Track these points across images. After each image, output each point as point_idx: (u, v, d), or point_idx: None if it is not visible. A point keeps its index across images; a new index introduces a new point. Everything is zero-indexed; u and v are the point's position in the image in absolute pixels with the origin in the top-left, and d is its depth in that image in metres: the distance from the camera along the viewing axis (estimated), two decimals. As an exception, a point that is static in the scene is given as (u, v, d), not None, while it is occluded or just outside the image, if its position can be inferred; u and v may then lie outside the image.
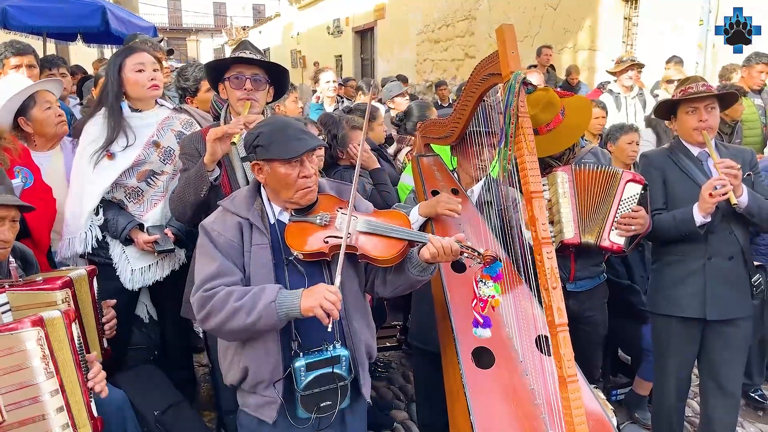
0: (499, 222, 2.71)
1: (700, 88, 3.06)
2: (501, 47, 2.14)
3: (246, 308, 2.05)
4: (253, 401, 2.26)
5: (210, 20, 46.87)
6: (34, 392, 1.92)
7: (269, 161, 2.19)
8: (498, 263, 2.19)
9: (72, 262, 3.17)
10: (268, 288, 2.09)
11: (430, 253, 2.17)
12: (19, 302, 2.23)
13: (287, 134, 2.18)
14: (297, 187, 2.20)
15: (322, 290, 2.02)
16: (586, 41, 11.38)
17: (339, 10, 21.47)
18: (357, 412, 2.39)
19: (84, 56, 9.67)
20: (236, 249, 2.20)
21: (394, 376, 4.72)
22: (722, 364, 3.19)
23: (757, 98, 6.19)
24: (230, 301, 2.06)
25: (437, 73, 15.80)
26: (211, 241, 2.21)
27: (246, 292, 2.09)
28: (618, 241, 2.97)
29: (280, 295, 2.06)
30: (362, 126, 3.79)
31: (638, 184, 3.01)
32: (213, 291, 2.11)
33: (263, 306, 2.04)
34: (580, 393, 1.97)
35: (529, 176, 2.05)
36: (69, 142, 3.49)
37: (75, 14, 6.78)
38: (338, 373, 2.18)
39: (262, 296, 2.06)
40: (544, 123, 2.88)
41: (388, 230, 2.21)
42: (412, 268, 2.24)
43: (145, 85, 3.13)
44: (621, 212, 2.97)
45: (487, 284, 2.18)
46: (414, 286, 2.34)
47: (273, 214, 2.29)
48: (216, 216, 2.28)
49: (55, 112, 3.32)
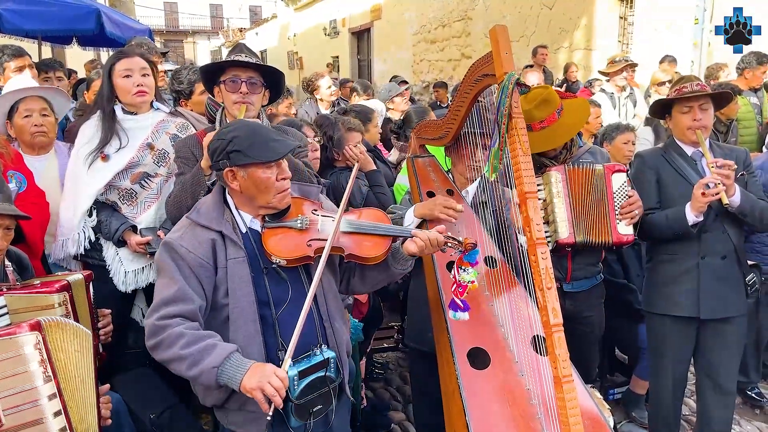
0: (494, 222, 2.71)
1: (694, 87, 3.07)
2: (495, 48, 2.13)
3: (189, 360, 1.95)
4: (239, 419, 2.18)
5: (207, 22, 46.84)
6: (32, 396, 1.93)
7: (245, 166, 2.11)
8: (476, 251, 2.25)
9: (66, 263, 3.17)
10: (218, 348, 1.97)
11: (417, 246, 2.22)
12: (17, 305, 2.23)
13: (263, 137, 2.14)
14: (276, 190, 2.16)
15: (269, 373, 1.90)
16: (582, 40, 11.40)
17: (335, 11, 21.47)
18: (340, 410, 2.37)
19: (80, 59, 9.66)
20: (206, 268, 2.11)
21: (391, 377, 4.73)
22: (717, 362, 3.20)
23: (752, 97, 6.19)
24: (177, 345, 1.96)
25: (434, 73, 15.81)
26: (173, 260, 2.08)
27: (197, 339, 1.97)
28: (628, 232, 2.98)
29: (227, 362, 1.94)
30: (358, 128, 3.80)
31: (621, 172, 3.03)
32: (166, 323, 2.00)
33: (206, 366, 1.93)
34: (575, 393, 1.97)
35: (523, 177, 2.05)
36: (64, 146, 3.49)
37: (69, 17, 6.76)
38: (330, 376, 2.17)
39: (209, 356, 1.94)
40: (538, 120, 2.88)
41: (372, 228, 2.21)
42: (395, 263, 2.27)
43: (131, 90, 3.13)
44: (618, 204, 2.98)
45: (467, 270, 2.25)
46: (394, 278, 2.38)
47: (244, 223, 2.21)
48: (183, 231, 2.16)
49: (33, 122, 3.29)
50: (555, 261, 3.10)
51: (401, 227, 2.28)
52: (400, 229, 2.28)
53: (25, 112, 3.29)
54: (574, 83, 9.21)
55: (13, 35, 6.66)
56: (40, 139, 3.33)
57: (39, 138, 3.32)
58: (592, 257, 3.27)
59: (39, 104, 3.33)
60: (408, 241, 2.25)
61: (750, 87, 6.19)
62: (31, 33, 6.81)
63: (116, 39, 7.13)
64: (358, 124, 3.83)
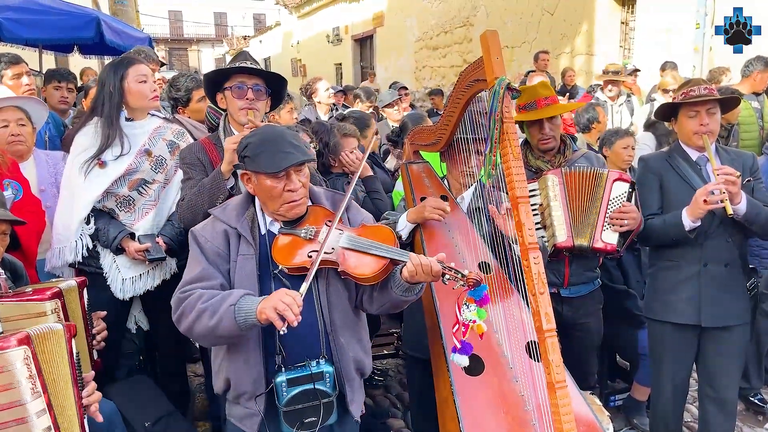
0: (489, 228, 2.70)
1: (702, 91, 2.99)
2: (485, 53, 2.13)
3: (210, 310, 2.03)
4: (237, 412, 2.25)
5: (211, 30, 47.03)
6: (21, 413, 1.88)
7: (256, 173, 2.17)
8: (483, 286, 2.05)
9: (61, 271, 3.16)
10: (235, 292, 2.07)
11: (408, 271, 2.08)
12: (8, 313, 2.21)
13: (274, 147, 2.15)
14: (282, 201, 2.17)
15: (280, 293, 1.97)
16: (583, 46, 11.40)
17: (338, 19, 21.54)
18: (347, 428, 2.35)
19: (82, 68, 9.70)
20: (222, 257, 2.21)
21: (391, 383, 4.70)
22: (718, 370, 3.16)
23: (754, 101, 6.15)
24: (199, 303, 2.06)
25: (436, 79, 15.83)
26: (198, 246, 2.22)
27: (216, 294, 2.08)
28: (611, 240, 2.93)
29: (242, 300, 2.03)
30: (354, 133, 3.79)
31: (625, 182, 2.99)
32: (187, 294, 2.11)
33: (224, 309, 2.01)
34: (569, 399, 1.96)
35: (515, 181, 2.04)
36: (43, 153, 3.50)
37: (69, 26, 6.77)
38: (321, 390, 2.14)
39: (227, 299, 2.03)
40: (543, 96, 3.07)
41: (369, 247, 2.14)
42: (395, 287, 2.16)
43: (149, 95, 3.18)
44: (611, 211, 2.94)
45: (470, 308, 2.07)
46: (399, 305, 2.26)
47: (264, 224, 2.27)
48: (206, 223, 2.30)
49: (9, 131, 3.29)
50: (552, 266, 3.09)
51: (401, 251, 2.15)
52: (399, 251, 2.15)
53: (2, 122, 3.29)
54: (572, 88, 9.20)
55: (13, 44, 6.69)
56: (17, 147, 3.33)
57: (16, 147, 3.32)
58: (590, 262, 3.25)
59: (15, 114, 3.33)
60: (405, 266, 2.11)
61: (753, 91, 6.16)
62: (31, 41, 6.82)
63: (116, 47, 7.14)
64: (354, 129, 3.83)
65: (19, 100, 3.50)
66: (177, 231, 3.21)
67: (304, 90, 6.62)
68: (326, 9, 22.40)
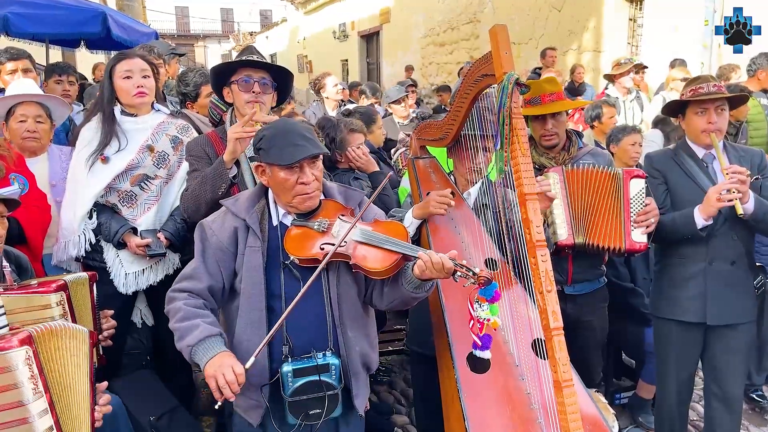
0: (496, 224, 2.68)
1: (711, 88, 2.96)
2: (494, 48, 2.11)
3: (178, 334, 2.12)
4: (243, 403, 2.25)
5: (217, 26, 47.05)
6: (23, 413, 1.86)
7: (270, 165, 2.20)
8: (494, 284, 2.07)
9: (67, 265, 3.17)
10: (200, 329, 2.09)
11: (419, 268, 2.08)
12: (14, 306, 2.20)
13: (287, 139, 2.17)
14: (295, 193, 2.19)
15: (227, 365, 1.98)
16: (591, 42, 11.33)
17: (344, 15, 21.51)
18: (351, 422, 2.35)
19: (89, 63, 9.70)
20: (225, 252, 2.23)
21: (395, 380, 4.70)
22: (724, 368, 3.14)
23: (763, 98, 6.11)
24: (174, 319, 2.15)
25: (442, 76, 15.78)
26: (203, 239, 2.26)
27: (190, 316, 2.13)
28: (642, 240, 2.94)
29: (200, 344, 2.06)
30: (360, 129, 3.78)
31: (641, 178, 2.97)
32: (174, 296, 2.21)
33: (185, 344, 2.08)
34: (576, 397, 1.94)
35: (523, 178, 2.02)
36: (57, 149, 3.51)
37: (75, 21, 6.75)
38: (327, 382, 2.15)
39: (190, 334, 2.08)
40: (548, 92, 3.07)
41: (382, 241, 2.15)
42: (405, 284, 2.17)
43: (131, 92, 3.15)
44: (634, 210, 2.93)
45: (482, 306, 2.09)
46: (408, 302, 2.26)
47: (277, 216, 2.29)
48: (217, 215, 2.32)
49: (25, 127, 3.32)
50: (556, 263, 3.07)
51: (413, 246, 2.15)
52: (411, 247, 2.14)
53: (20, 116, 3.32)
54: (581, 85, 9.14)
55: (19, 38, 6.69)
56: (30, 143, 3.35)
57: (29, 143, 3.35)
58: (594, 260, 3.23)
59: (35, 110, 3.36)
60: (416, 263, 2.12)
61: (761, 88, 6.10)
62: (37, 36, 6.83)
63: (123, 42, 7.13)
64: (361, 125, 3.81)
65: (42, 97, 3.53)
66: (179, 226, 3.21)
67: (312, 85, 6.59)
68: (332, 5, 22.37)
